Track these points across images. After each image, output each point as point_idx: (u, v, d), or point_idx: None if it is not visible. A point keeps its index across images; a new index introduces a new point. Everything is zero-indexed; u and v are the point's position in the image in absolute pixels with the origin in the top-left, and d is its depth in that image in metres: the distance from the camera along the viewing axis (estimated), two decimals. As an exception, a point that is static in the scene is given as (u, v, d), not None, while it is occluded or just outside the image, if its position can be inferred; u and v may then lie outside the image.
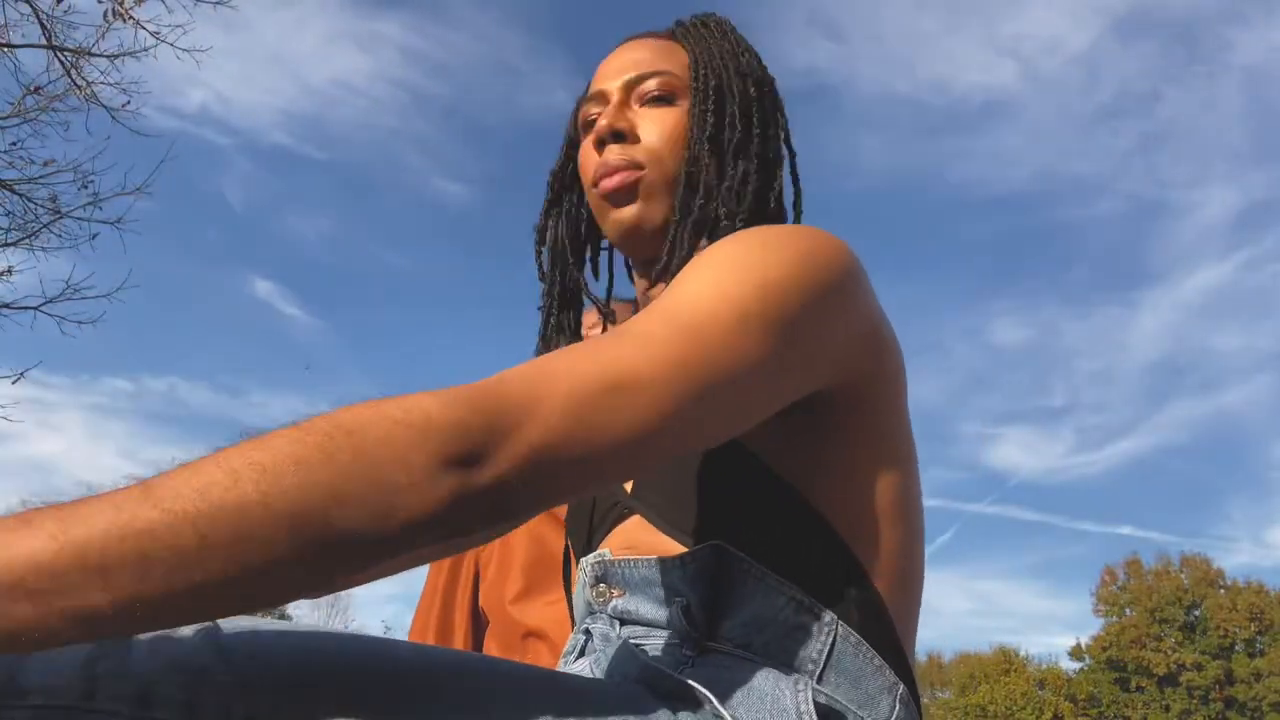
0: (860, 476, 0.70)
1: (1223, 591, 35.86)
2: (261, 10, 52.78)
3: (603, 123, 0.81)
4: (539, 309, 0.90)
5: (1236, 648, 36.60)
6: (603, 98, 0.83)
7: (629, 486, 0.77)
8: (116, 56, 6.52)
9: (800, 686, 0.63)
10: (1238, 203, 57.14)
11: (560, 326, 0.88)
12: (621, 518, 0.77)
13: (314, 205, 59.09)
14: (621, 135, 0.80)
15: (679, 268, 0.76)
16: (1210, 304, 58.00)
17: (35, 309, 6.79)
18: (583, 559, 0.79)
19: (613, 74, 0.84)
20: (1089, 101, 60.90)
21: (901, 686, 0.69)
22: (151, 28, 6.40)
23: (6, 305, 6.79)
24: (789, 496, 0.69)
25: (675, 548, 0.70)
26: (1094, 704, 34.71)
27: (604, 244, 0.92)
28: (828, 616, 0.66)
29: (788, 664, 0.66)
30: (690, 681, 0.63)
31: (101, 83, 6.56)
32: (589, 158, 0.83)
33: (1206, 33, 56.46)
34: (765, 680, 0.64)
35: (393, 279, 62.13)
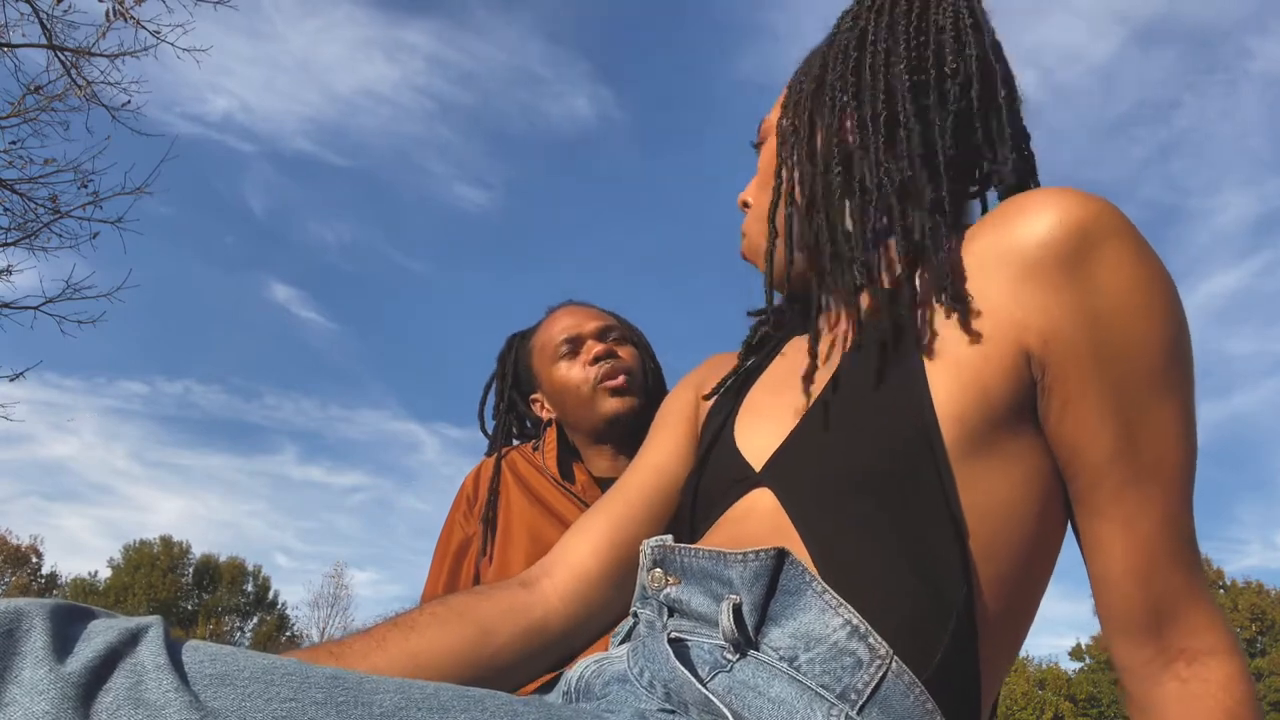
0: (1033, 526, 0.69)
1: (1223, 591, 35.86)
2: (289, 20, 52.85)
3: None
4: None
5: (1237, 648, 36.48)
6: None
7: (761, 460, 0.75)
8: (117, 56, 6.52)
9: (835, 714, 0.61)
10: (1255, 209, 57.10)
11: None
12: (742, 494, 0.75)
13: (335, 211, 58.85)
14: None
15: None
16: (1225, 309, 58.01)
17: (35, 309, 6.80)
18: (644, 541, 0.78)
19: None
20: (1108, 110, 60.93)
21: None
22: (152, 27, 6.40)
23: (6, 305, 6.80)
24: (939, 528, 0.66)
25: (771, 539, 0.68)
26: (1094, 704, 34.70)
27: None
28: (882, 649, 0.62)
29: (830, 688, 0.62)
30: (712, 697, 0.61)
31: (102, 82, 6.57)
32: None
33: (1227, 41, 56.39)
34: (799, 699, 0.62)
35: (412, 285, 61.96)
